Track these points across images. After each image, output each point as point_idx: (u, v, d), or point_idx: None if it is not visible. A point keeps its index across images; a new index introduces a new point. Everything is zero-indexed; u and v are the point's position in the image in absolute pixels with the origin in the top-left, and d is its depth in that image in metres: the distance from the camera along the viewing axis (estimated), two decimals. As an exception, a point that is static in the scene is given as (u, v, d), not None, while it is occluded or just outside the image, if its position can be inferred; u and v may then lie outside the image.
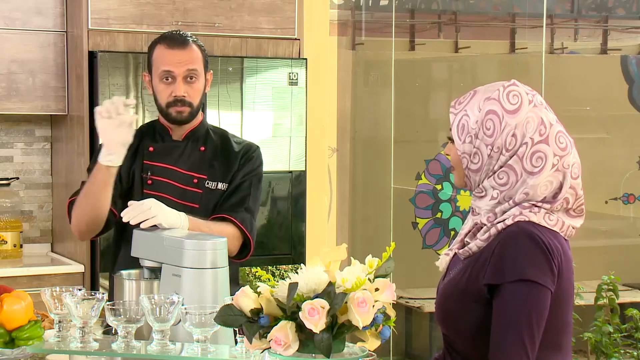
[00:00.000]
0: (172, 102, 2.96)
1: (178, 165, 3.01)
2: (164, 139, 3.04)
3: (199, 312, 2.24)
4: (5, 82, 4.38)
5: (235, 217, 2.94)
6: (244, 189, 3.01)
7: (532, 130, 2.13)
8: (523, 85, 2.20)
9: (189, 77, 2.95)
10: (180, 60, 2.94)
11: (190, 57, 2.96)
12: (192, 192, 2.98)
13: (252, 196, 3.02)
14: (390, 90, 5.93)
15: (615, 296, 5.12)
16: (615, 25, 6.71)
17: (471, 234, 2.20)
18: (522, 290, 2.04)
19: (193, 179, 2.99)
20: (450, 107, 2.21)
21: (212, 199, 2.99)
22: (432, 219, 6.07)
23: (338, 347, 1.92)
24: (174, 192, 2.96)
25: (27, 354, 2.31)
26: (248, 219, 2.97)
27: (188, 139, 3.04)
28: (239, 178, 3.02)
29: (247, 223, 2.96)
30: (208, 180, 3.00)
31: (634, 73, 6.58)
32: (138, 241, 2.65)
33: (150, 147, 3.02)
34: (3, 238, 4.47)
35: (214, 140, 3.07)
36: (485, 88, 2.20)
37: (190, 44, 2.98)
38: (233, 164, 3.03)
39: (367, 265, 1.99)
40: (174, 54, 2.95)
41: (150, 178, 2.97)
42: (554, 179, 2.13)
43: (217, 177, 3.01)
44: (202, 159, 3.02)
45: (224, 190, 3.00)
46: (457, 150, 2.19)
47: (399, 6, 6.13)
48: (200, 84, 2.99)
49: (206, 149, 3.04)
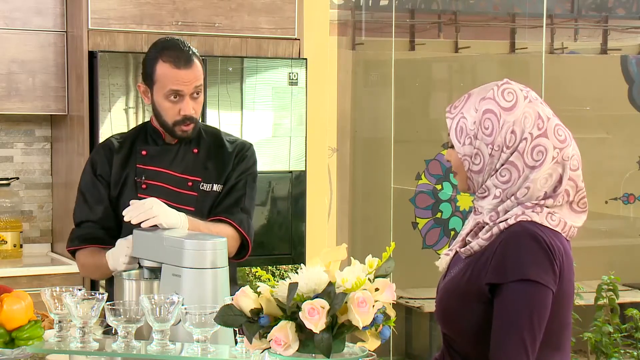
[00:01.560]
0: (180, 120, 2.91)
1: (172, 168, 2.98)
2: (157, 142, 3.01)
3: (199, 312, 2.24)
4: (5, 82, 4.39)
5: (232, 218, 2.93)
6: (239, 188, 3.00)
7: (530, 125, 2.13)
8: (516, 83, 2.20)
9: (195, 94, 2.92)
10: (188, 79, 2.89)
11: (196, 75, 2.91)
12: (187, 195, 2.96)
13: (248, 196, 3.00)
14: (390, 90, 5.93)
15: (615, 296, 5.12)
16: (615, 25, 6.71)
17: (473, 233, 2.20)
18: (524, 290, 2.04)
19: (187, 182, 2.97)
20: (446, 113, 2.22)
21: (208, 201, 2.97)
22: (432, 219, 6.07)
23: (338, 347, 1.92)
24: (169, 196, 2.92)
25: (27, 354, 2.31)
26: (245, 220, 2.96)
27: (181, 141, 3.02)
28: (234, 178, 3.00)
29: (244, 224, 2.95)
30: (203, 183, 2.98)
31: (634, 73, 6.58)
32: (138, 241, 2.65)
33: (143, 151, 2.99)
34: (3, 238, 4.47)
35: (206, 141, 3.03)
36: (479, 90, 2.21)
37: (193, 61, 2.91)
38: (227, 165, 3.01)
39: (367, 265, 1.99)
40: (181, 74, 2.89)
41: (144, 182, 2.95)
42: (554, 172, 2.14)
43: (211, 178, 2.99)
44: (196, 161, 2.99)
45: (219, 191, 2.99)
46: (458, 153, 2.19)
47: (399, 6, 6.13)
48: (202, 95, 2.97)
49: (199, 151, 3.01)
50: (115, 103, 4.27)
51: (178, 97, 2.90)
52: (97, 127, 4.24)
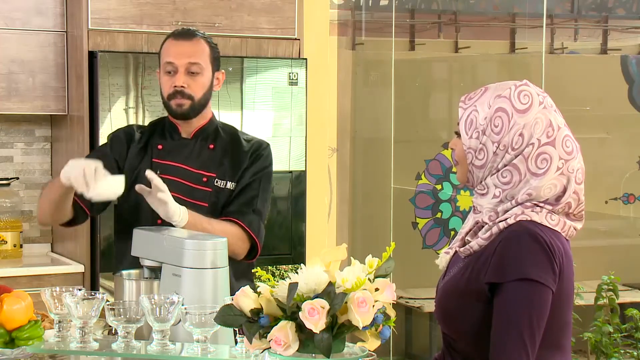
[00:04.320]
0: (172, 93, 2.93)
1: (187, 163, 2.98)
2: (173, 137, 3.01)
3: (199, 312, 2.24)
4: (5, 82, 4.38)
5: (242, 220, 2.92)
6: (252, 189, 2.98)
7: (539, 132, 2.13)
8: (535, 87, 2.19)
9: (191, 70, 2.92)
10: (183, 52, 2.92)
11: (194, 49, 2.93)
12: (201, 190, 2.96)
13: (261, 197, 2.99)
14: (390, 90, 5.93)
15: (615, 296, 5.12)
16: (615, 25, 6.71)
17: (472, 232, 2.20)
18: (524, 289, 2.04)
19: (202, 177, 2.96)
20: (460, 102, 2.22)
21: (221, 197, 2.95)
22: (432, 219, 6.07)
23: (338, 347, 1.92)
24: (183, 191, 2.93)
25: (27, 354, 2.31)
26: (256, 221, 2.94)
27: (197, 136, 3.01)
28: (248, 177, 2.99)
29: (255, 226, 2.93)
30: (217, 179, 2.97)
31: (634, 73, 6.58)
32: (138, 241, 2.65)
33: (159, 145, 3.00)
34: (3, 238, 4.47)
35: (223, 138, 3.03)
36: (496, 86, 2.20)
37: (196, 37, 2.96)
38: (242, 162, 3.00)
39: (367, 265, 1.98)
40: (177, 45, 2.94)
41: (159, 176, 2.94)
42: (558, 182, 2.13)
43: (226, 175, 2.98)
44: (211, 157, 2.99)
45: (232, 189, 2.98)
46: (463, 144, 2.19)
47: (399, 6, 6.13)
48: (205, 78, 2.95)
49: (215, 147, 3.01)
50: (115, 103, 4.27)
51: (173, 72, 2.93)
52: (97, 127, 4.24)
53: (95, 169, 2.60)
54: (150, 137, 3.02)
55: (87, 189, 2.59)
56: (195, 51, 2.93)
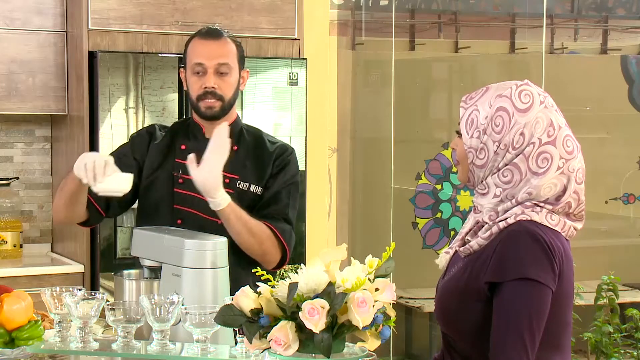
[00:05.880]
0: (202, 94, 2.89)
1: None
2: (197, 137, 2.96)
3: (199, 312, 2.24)
4: (5, 82, 4.39)
5: (276, 226, 2.89)
6: (282, 198, 2.95)
7: (540, 131, 2.13)
8: (536, 86, 2.20)
9: (220, 71, 2.89)
10: (212, 52, 2.88)
11: (223, 50, 2.90)
12: None
13: (291, 207, 2.96)
14: (390, 90, 5.93)
15: (615, 296, 5.12)
16: (615, 25, 6.71)
17: (472, 232, 2.20)
18: (523, 289, 2.04)
19: (225, 179, 2.93)
20: (461, 102, 2.22)
21: (243, 199, 2.89)
22: (432, 219, 6.07)
23: (338, 347, 1.92)
24: None
25: (27, 354, 2.31)
26: (288, 230, 2.92)
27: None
28: (277, 186, 2.95)
29: (287, 234, 2.91)
30: (240, 181, 2.92)
31: (634, 73, 6.58)
32: (138, 241, 2.65)
33: (182, 145, 2.96)
34: (3, 238, 4.47)
35: (247, 139, 3.00)
36: (497, 85, 2.20)
37: (223, 37, 2.92)
38: (267, 166, 2.96)
39: (367, 265, 1.98)
40: (205, 45, 2.90)
41: (181, 177, 2.90)
42: (559, 182, 2.13)
43: (249, 178, 2.94)
44: (235, 158, 2.93)
45: (256, 193, 2.93)
46: (464, 144, 2.19)
47: (399, 6, 6.13)
48: (233, 78, 2.92)
49: (239, 149, 2.97)
50: (115, 103, 4.27)
51: (202, 72, 2.89)
52: (97, 127, 4.24)
53: (105, 162, 2.60)
54: (174, 137, 3.00)
55: (94, 181, 2.59)
56: (224, 52, 2.90)
